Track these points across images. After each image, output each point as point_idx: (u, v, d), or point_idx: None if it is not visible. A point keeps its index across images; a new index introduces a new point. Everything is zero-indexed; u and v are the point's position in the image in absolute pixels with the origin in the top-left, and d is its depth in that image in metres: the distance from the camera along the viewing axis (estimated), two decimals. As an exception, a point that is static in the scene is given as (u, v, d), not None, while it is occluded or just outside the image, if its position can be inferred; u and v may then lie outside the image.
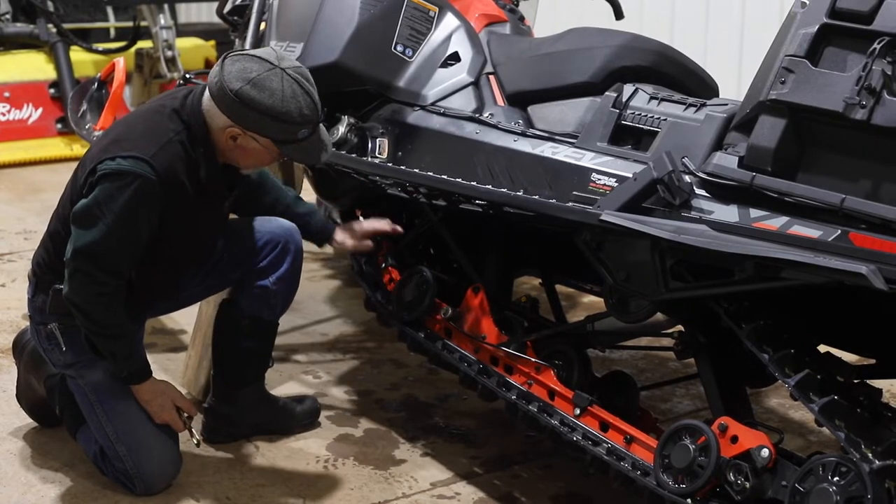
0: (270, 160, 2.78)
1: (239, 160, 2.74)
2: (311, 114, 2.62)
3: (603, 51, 2.75)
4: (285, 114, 2.58)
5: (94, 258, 2.63)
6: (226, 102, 2.61)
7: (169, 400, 2.86)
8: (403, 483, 2.95)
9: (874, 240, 2.06)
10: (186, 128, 2.69)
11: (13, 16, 7.01)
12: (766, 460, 2.31)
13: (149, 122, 2.73)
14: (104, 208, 2.60)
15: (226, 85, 2.59)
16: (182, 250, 2.83)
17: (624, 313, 2.70)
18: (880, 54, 2.09)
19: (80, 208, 2.64)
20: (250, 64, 2.60)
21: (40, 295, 2.84)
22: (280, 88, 2.57)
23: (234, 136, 2.66)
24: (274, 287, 3.00)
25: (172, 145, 2.66)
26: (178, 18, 7.70)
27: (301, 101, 2.60)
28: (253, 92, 2.57)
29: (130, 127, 2.74)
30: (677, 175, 2.34)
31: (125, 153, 2.62)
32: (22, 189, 5.93)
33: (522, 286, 4.16)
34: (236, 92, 2.58)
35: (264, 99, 2.57)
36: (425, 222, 3.21)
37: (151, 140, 2.65)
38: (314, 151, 2.70)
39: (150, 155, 2.62)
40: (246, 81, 2.57)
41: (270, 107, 2.57)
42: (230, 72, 2.59)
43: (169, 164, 2.65)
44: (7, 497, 2.83)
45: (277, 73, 2.59)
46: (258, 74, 2.58)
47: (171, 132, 2.67)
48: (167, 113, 2.71)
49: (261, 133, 2.63)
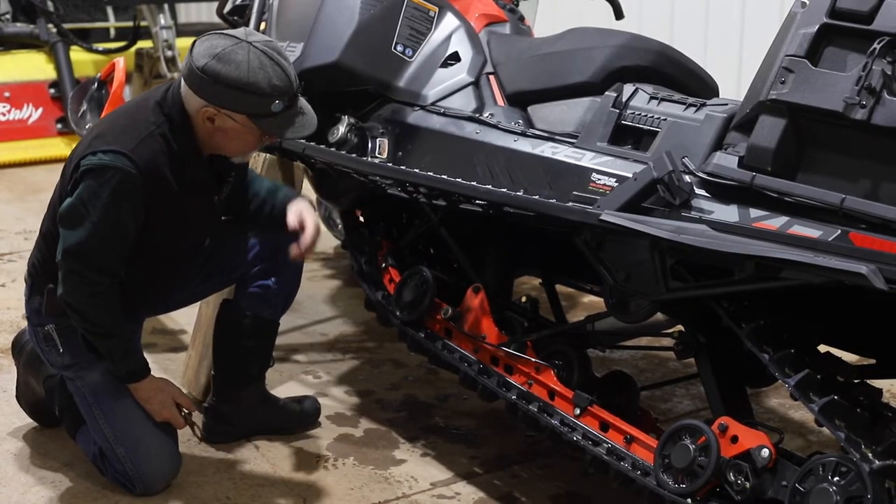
0: (255, 142, 2.72)
1: (222, 145, 2.71)
2: (282, 84, 2.58)
3: (603, 51, 2.75)
4: (252, 84, 2.55)
5: (84, 258, 2.63)
6: (195, 81, 2.59)
7: (168, 397, 2.85)
8: (403, 483, 2.95)
9: (874, 239, 2.06)
10: (168, 119, 2.67)
11: (13, 16, 7.01)
12: (767, 460, 2.31)
13: (131, 116, 2.72)
14: (88, 206, 2.60)
15: (193, 63, 2.58)
16: (173, 246, 2.82)
17: (624, 313, 2.70)
18: (880, 54, 2.09)
19: (65, 208, 2.64)
20: (217, 41, 2.58)
21: (36, 296, 2.84)
22: (245, 60, 2.55)
23: (210, 118, 2.63)
24: (275, 286, 3.00)
25: (153, 138, 2.65)
26: (178, 18, 7.69)
27: (270, 72, 2.56)
28: (218, 66, 2.55)
29: (113, 122, 2.74)
30: (677, 175, 2.34)
31: (106, 147, 2.61)
32: (22, 189, 5.93)
33: (522, 286, 4.16)
34: (202, 68, 2.56)
35: (230, 71, 2.55)
36: (425, 222, 3.22)
37: (132, 134, 2.64)
38: (294, 125, 2.65)
39: (129, 149, 2.61)
40: (211, 57, 2.56)
41: (236, 78, 2.55)
42: (198, 51, 2.59)
43: (149, 157, 2.63)
44: (7, 497, 2.83)
45: (244, 46, 2.56)
46: (223, 49, 2.56)
47: (153, 125, 2.66)
48: (149, 106, 2.70)
49: (233, 108, 2.60)
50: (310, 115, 2.69)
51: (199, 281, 3.01)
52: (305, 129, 2.68)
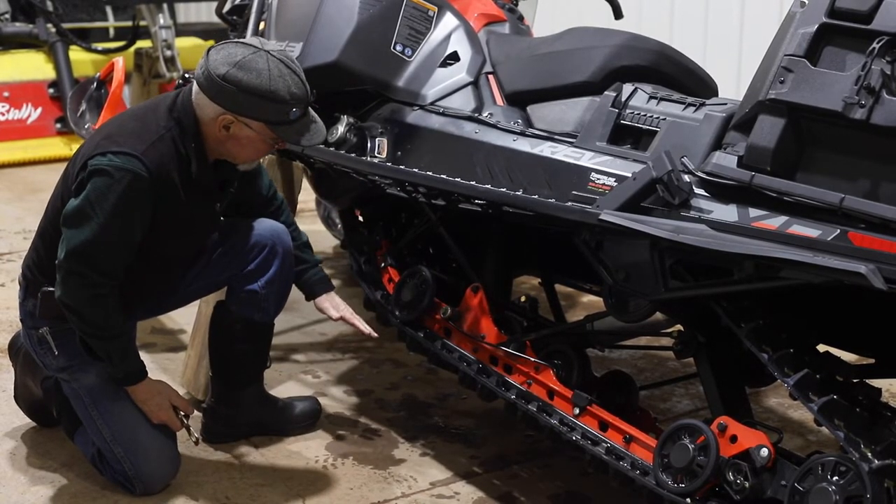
0: (265, 149, 2.75)
1: (233, 152, 2.72)
2: (300, 92, 2.63)
3: (602, 50, 2.75)
4: (274, 92, 2.58)
5: (88, 259, 2.61)
6: (214, 89, 2.60)
7: (165, 399, 2.85)
8: (403, 483, 2.95)
9: (873, 239, 2.06)
10: (177, 124, 2.68)
11: (12, 15, 7.01)
12: (766, 460, 2.31)
13: (140, 119, 2.72)
14: (96, 207, 2.59)
15: (212, 72, 2.58)
16: (173, 250, 2.82)
17: (623, 313, 2.70)
18: (879, 54, 2.09)
19: (71, 208, 2.63)
20: (234, 49, 2.61)
21: (30, 299, 2.83)
22: (266, 68, 2.58)
23: (226, 125, 2.64)
24: (263, 290, 2.98)
25: (163, 142, 2.66)
26: (178, 18, 7.69)
27: (289, 80, 2.60)
28: (240, 74, 2.57)
29: (122, 124, 2.74)
30: (676, 174, 2.34)
31: (116, 149, 2.61)
32: (21, 189, 5.93)
33: (522, 286, 4.16)
34: (223, 76, 2.57)
35: (252, 79, 2.57)
36: (424, 222, 3.21)
37: (142, 137, 2.65)
38: (310, 131, 2.69)
39: (140, 151, 2.61)
40: (232, 65, 2.57)
41: (258, 86, 2.57)
42: (215, 59, 2.60)
43: (159, 160, 2.64)
44: (6, 497, 2.83)
45: (262, 54, 2.60)
46: (243, 57, 2.58)
47: (163, 129, 2.67)
48: (159, 110, 2.71)
49: (253, 116, 2.62)
50: (320, 124, 2.73)
51: (186, 283, 2.98)
52: (317, 137, 2.73)
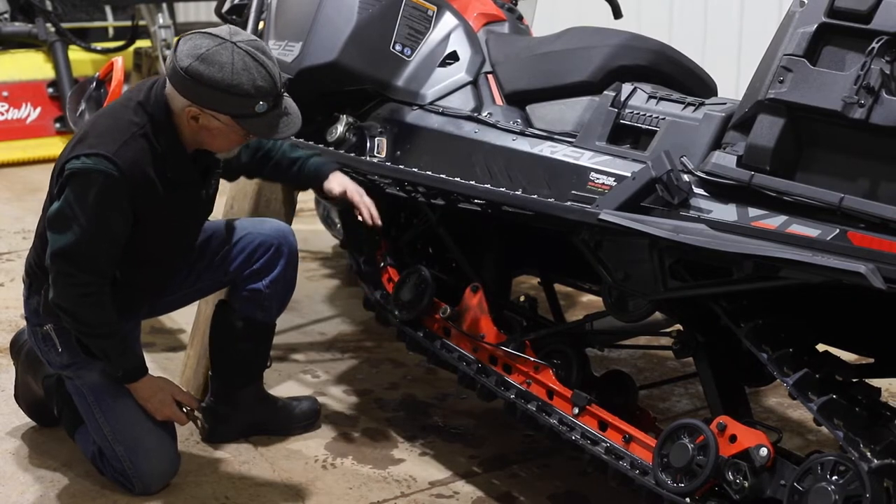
0: (240, 139, 2.70)
1: (208, 142, 2.69)
2: (266, 85, 2.56)
3: (601, 50, 2.75)
4: (236, 86, 2.53)
5: (73, 260, 2.62)
6: (179, 81, 2.58)
7: (168, 395, 2.85)
8: (402, 482, 2.95)
9: (873, 239, 2.06)
10: (150, 119, 2.65)
11: (11, 15, 7.00)
12: (765, 459, 2.31)
13: (113, 117, 2.70)
14: (75, 209, 2.59)
15: (177, 64, 2.56)
16: (165, 244, 2.81)
17: (622, 312, 2.70)
18: (879, 53, 2.09)
19: (52, 212, 2.63)
20: (201, 40, 2.56)
21: (34, 296, 2.83)
22: (230, 62, 2.53)
23: (194, 117, 2.62)
24: (267, 290, 2.98)
25: (135, 140, 2.63)
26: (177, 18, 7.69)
27: (254, 74, 2.54)
28: (202, 67, 2.53)
29: (95, 124, 2.72)
30: (676, 174, 2.34)
31: (88, 151, 2.60)
32: (20, 188, 5.94)
33: (521, 285, 4.16)
34: (185, 69, 2.54)
35: (213, 73, 2.53)
36: (424, 221, 3.21)
37: (114, 136, 2.63)
38: (279, 125, 2.63)
39: (112, 152, 2.60)
40: (195, 58, 2.54)
41: (220, 80, 2.53)
42: (181, 51, 2.57)
43: (132, 159, 2.62)
44: (6, 496, 2.83)
45: (228, 46, 2.54)
46: (207, 49, 2.54)
47: (135, 126, 2.65)
48: (132, 106, 2.68)
49: (217, 109, 2.59)
50: (294, 115, 2.66)
51: (191, 282, 3.00)
52: (289, 129, 2.66)
